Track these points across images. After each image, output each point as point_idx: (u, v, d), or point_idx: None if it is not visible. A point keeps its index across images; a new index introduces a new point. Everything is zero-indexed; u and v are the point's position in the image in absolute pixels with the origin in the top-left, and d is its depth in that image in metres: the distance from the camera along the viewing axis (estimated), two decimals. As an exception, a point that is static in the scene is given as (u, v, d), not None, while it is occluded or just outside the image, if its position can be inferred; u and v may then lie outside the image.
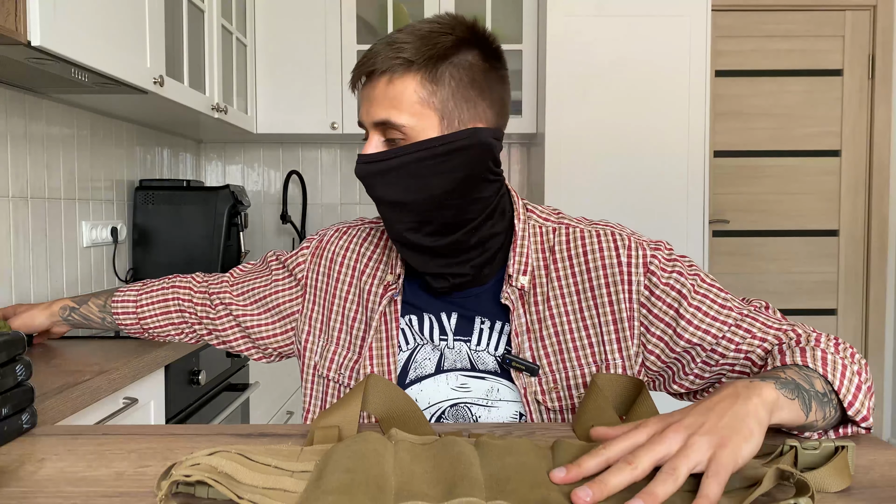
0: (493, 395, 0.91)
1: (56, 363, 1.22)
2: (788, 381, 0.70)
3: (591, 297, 0.91)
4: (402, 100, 0.85)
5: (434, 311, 0.95)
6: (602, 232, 0.94)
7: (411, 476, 0.57)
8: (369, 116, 0.87)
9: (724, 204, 3.26)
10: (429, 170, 0.85)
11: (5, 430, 0.73)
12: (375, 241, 1.01)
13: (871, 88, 3.23)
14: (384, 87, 0.85)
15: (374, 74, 0.86)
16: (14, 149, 1.79)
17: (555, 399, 0.89)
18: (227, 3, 2.48)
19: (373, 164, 0.87)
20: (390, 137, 0.86)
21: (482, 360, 0.92)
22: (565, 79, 2.62)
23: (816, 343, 0.80)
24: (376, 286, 0.97)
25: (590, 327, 0.90)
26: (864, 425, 0.74)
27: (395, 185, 0.87)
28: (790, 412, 0.67)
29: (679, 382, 0.91)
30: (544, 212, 0.98)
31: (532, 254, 0.93)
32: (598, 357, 0.90)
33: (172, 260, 2.45)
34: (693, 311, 0.88)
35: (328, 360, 0.98)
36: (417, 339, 0.95)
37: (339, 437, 0.70)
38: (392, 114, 0.85)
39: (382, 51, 0.85)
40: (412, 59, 0.84)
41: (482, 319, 0.93)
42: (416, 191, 0.86)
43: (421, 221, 0.88)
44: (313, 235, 1.07)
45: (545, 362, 0.90)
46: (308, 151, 3.17)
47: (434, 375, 0.93)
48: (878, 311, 3.27)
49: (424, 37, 0.85)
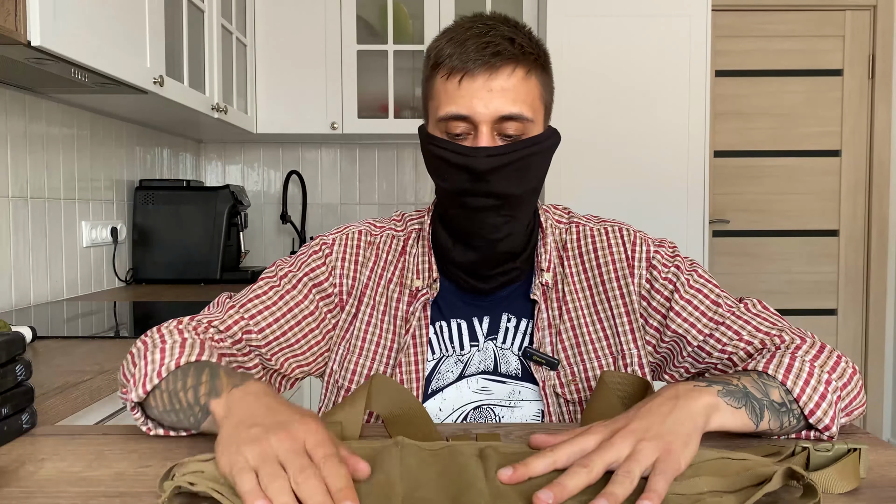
0: (516, 396, 0.93)
1: (56, 363, 1.21)
2: (738, 388, 0.70)
3: (602, 290, 0.94)
4: (534, 95, 0.86)
5: (466, 317, 0.95)
6: (610, 229, 0.97)
7: (417, 483, 0.57)
8: (494, 109, 0.84)
9: (724, 204, 3.26)
10: (536, 164, 0.88)
11: (5, 430, 0.73)
12: (399, 249, 0.98)
13: (871, 88, 3.22)
14: (518, 80, 0.84)
15: (503, 67, 0.84)
16: (14, 149, 1.79)
17: (573, 391, 0.91)
18: (227, 3, 2.48)
19: (496, 157, 0.84)
20: (506, 132, 0.85)
21: (506, 360, 0.94)
22: (565, 79, 2.61)
23: (796, 349, 0.79)
24: (400, 293, 0.96)
25: (604, 320, 0.93)
26: (826, 434, 0.73)
27: (509, 178, 0.86)
28: (734, 419, 0.68)
29: (670, 373, 0.94)
30: (557, 210, 1.02)
31: (553, 251, 0.96)
32: (614, 348, 0.92)
33: (172, 260, 2.45)
34: (683, 304, 0.90)
35: (349, 370, 0.94)
36: (444, 350, 0.94)
37: (342, 434, 0.70)
38: (524, 108, 0.85)
39: (505, 44, 0.84)
40: (537, 55, 0.87)
41: (508, 317, 0.95)
42: (523, 184, 0.87)
43: (513, 216, 0.89)
44: (328, 240, 0.98)
45: (563, 356, 0.92)
46: (308, 151, 3.17)
47: (456, 382, 0.94)
48: (878, 311, 3.27)
49: (529, 34, 0.88)
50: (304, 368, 0.95)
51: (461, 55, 0.84)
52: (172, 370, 0.74)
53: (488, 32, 0.84)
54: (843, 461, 0.60)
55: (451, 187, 0.87)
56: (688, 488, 0.58)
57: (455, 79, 0.84)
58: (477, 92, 0.83)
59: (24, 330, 1.34)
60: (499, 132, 0.85)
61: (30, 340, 1.36)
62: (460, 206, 0.88)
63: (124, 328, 1.66)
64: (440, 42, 0.88)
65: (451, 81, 0.85)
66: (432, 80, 0.88)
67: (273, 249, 3.19)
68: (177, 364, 0.74)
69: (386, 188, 3.17)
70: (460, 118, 0.84)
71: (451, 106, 0.85)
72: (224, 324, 0.89)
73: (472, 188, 0.85)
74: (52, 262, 1.96)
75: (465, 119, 0.84)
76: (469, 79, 0.84)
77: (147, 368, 0.75)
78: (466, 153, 0.84)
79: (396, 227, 1.01)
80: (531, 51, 0.86)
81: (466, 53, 0.84)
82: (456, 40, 0.85)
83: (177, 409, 0.72)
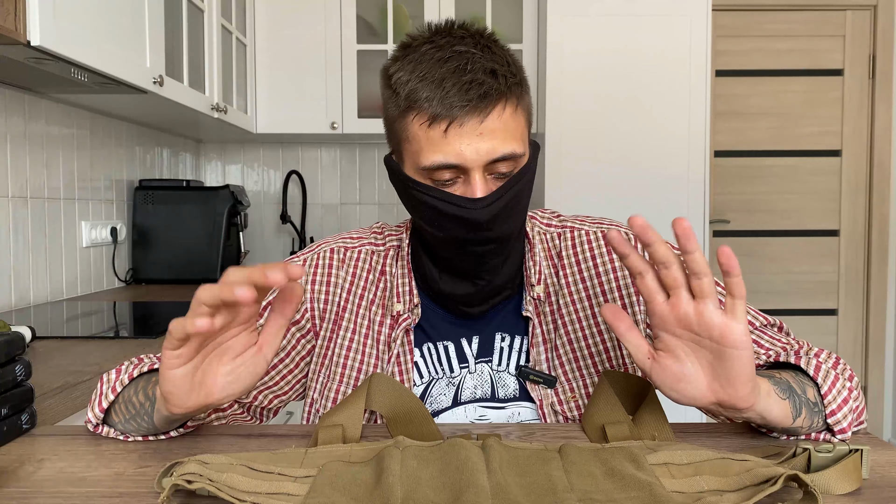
0: (515, 419, 0.89)
1: (56, 363, 1.21)
2: (782, 381, 0.70)
3: (603, 301, 0.89)
4: (522, 126, 0.80)
5: (453, 339, 0.90)
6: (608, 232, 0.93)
7: (417, 483, 0.57)
8: (486, 153, 0.76)
9: (725, 204, 3.26)
10: (528, 192, 0.82)
11: (5, 430, 0.73)
12: (378, 267, 0.92)
13: (871, 88, 3.22)
14: (508, 118, 0.77)
15: (492, 108, 0.76)
16: (13, 149, 1.78)
17: (573, 408, 0.87)
18: (227, 3, 2.48)
19: (493, 205, 0.77)
20: (499, 171, 0.78)
21: (503, 383, 0.89)
22: (565, 79, 2.61)
23: (816, 355, 0.79)
24: (383, 316, 0.90)
25: (604, 332, 0.89)
26: (839, 437, 0.72)
27: (507, 219, 0.80)
28: (779, 410, 0.67)
29: None
30: (544, 216, 0.96)
31: (542, 262, 0.91)
32: (615, 361, 0.89)
33: (172, 260, 2.45)
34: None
35: (329, 399, 0.89)
36: (432, 373, 0.90)
37: (343, 436, 0.70)
38: (515, 146, 0.78)
39: (490, 81, 0.75)
40: (520, 81, 0.80)
41: (502, 336, 0.90)
42: (519, 218, 0.83)
43: (511, 250, 0.85)
44: (297, 262, 0.92)
45: (560, 372, 0.88)
46: (308, 151, 3.17)
47: (451, 408, 0.89)
48: (878, 311, 3.27)
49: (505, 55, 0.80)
50: (282, 398, 0.92)
51: (442, 100, 0.75)
52: (126, 384, 0.74)
53: (467, 67, 0.75)
54: (845, 462, 0.60)
55: (446, 236, 0.81)
56: (688, 486, 0.58)
57: (439, 127, 0.76)
58: (466, 138, 0.75)
59: (23, 330, 1.34)
60: (490, 172, 0.78)
61: (29, 340, 1.36)
62: (456, 253, 0.82)
63: (124, 328, 1.66)
64: (407, 76, 0.78)
65: (435, 129, 0.76)
66: (406, 122, 0.79)
67: (273, 249, 3.19)
68: (130, 377, 0.75)
69: (386, 188, 3.17)
70: (449, 167, 0.77)
71: (438, 155, 0.76)
72: None
73: (472, 238, 0.79)
74: (52, 262, 1.96)
75: (454, 167, 0.77)
76: (456, 126, 0.75)
77: (102, 388, 0.75)
78: (464, 205, 0.77)
79: (376, 240, 0.94)
80: (515, 80, 0.78)
81: (448, 98, 0.75)
82: (430, 79, 0.76)
83: (133, 413, 0.72)
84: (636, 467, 0.60)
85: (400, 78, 0.79)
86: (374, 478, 0.59)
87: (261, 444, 0.73)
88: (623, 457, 0.62)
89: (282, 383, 0.91)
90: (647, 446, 0.66)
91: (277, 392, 0.91)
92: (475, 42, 0.79)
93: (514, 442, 0.67)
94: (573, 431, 0.76)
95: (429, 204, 0.79)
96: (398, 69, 0.79)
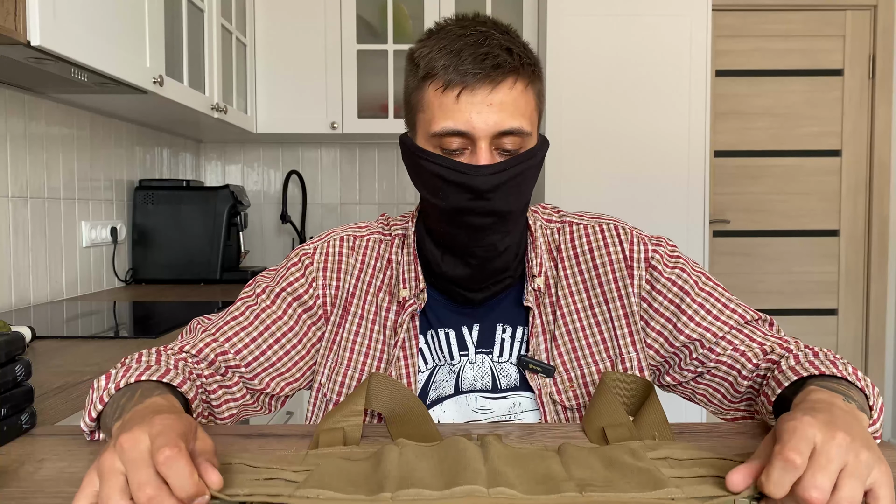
0: (516, 409, 0.90)
1: (56, 363, 1.21)
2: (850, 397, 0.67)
3: (600, 293, 0.92)
4: (532, 107, 0.83)
5: (454, 326, 0.92)
6: (605, 227, 0.95)
7: (413, 470, 0.58)
8: (495, 124, 0.80)
9: (724, 204, 3.26)
10: (532, 177, 0.85)
11: (5, 431, 0.73)
12: (386, 255, 0.95)
13: (871, 88, 3.22)
14: (518, 93, 0.81)
15: (503, 80, 0.80)
16: (13, 149, 1.78)
17: (571, 398, 0.89)
18: (227, 3, 2.48)
19: (497, 174, 0.81)
20: (504, 147, 0.82)
21: (505, 374, 0.91)
22: (565, 79, 2.61)
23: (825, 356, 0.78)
24: (389, 302, 0.92)
25: (601, 323, 0.91)
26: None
27: (509, 195, 0.83)
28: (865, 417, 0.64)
29: (672, 375, 0.92)
30: (546, 210, 0.99)
31: (544, 254, 0.94)
32: (612, 352, 0.90)
33: (172, 260, 2.45)
34: (696, 308, 0.89)
35: (337, 383, 0.91)
36: (436, 359, 0.92)
37: (344, 440, 0.70)
38: (523, 122, 0.81)
39: (504, 55, 0.79)
40: (534, 65, 0.84)
41: (503, 327, 0.92)
42: (521, 199, 0.85)
43: (510, 231, 0.87)
44: (308, 249, 0.95)
45: (559, 362, 0.90)
46: (308, 151, 3.17)
47: (455, 396, 0.91)
48: (878, 311, 3.27)
49: (523, 42, 0.84)
50: (293, 385, 0.92)
51: (458, 67, 0.79)
52: (113, 393, 0.72)
53: (485, 42, 0.80)
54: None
55: (448, 206, 0.83)
56: (688, 473, 0.58)
57: (452, 93, 0.80)
58: (476, 107, 0.79)
59: (23, 330, 1.34)
60: (496, 147, 0.82)
61: (29, 340, 1.36)
62: (457, 224, 0.84)
63: (124, 328, 1.66)
64: (429, 49, 0.82)
65: (448, 95, 0.80)
66: (422, 92, 0.83)
67: (273, 249, 3.19)
68: (117, 386, 0.72)
69: (386, 188, 3.17)
70: (457, 134, 0.80)
71: (448, 121, 0.80)
72: (196, 347, 0.86)
73: (472, 207, 0.82)
74: (52, 262, 1.96)
75: (463, 135, 0.80)
76: (468, 93, 0.79)
77: (92, 396, 0.74)
78: (467, 171, 0.80)
79: (383, 229, 0.97)
80: (529, 61, 0.82)
81: (463, 65, 0.79)
82: (449, 50, 0.80)
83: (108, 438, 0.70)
84: (635, 459, 0.61)
85: (422, 52, 0.84)
86: (372, 467, 0.59)
87: (261, 443, 0.73)
88: (622, 451, 0.63)
89: (293, 370, 0.92)
90: (648, 445, 0.66)
91: (289, 379, 0.92)
92: (496, 27, 0.83)
93: (514, 442, 0.67)
94: (573, 432, 0.76)
95: (434, 172, 0.83)
96: (422, 46, 0.84)
